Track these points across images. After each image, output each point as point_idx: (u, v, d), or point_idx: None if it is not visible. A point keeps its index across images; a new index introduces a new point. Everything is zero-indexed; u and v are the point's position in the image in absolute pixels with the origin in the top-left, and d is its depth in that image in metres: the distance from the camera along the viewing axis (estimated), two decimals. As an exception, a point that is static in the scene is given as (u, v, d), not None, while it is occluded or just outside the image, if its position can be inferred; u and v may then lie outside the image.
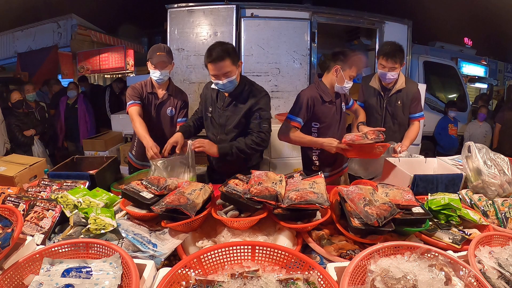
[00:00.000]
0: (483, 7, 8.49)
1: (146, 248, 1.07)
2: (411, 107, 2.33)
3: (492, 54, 10.68)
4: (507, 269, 0.96)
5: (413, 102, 2.32)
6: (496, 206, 1.41)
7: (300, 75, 4.13)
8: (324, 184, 1.35)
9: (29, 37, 8.15)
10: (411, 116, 2.36)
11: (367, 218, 1.10)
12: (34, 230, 1.19)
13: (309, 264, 0.92)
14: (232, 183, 1.38)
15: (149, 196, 1.33)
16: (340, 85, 1.97)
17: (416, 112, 2.35)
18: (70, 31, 7.91)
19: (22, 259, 0.92)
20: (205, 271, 0.93)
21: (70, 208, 1.28)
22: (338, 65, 1.95)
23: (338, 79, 1.97)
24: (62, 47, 7.81)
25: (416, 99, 2.32)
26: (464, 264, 0.89)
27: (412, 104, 2.32)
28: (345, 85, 1.97)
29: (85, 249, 0.99)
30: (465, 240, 1.16)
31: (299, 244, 1.16)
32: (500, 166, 1.53)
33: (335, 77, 1.98)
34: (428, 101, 5.27)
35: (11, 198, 1.33)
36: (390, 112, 2.34)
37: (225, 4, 3.94)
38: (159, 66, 2.04)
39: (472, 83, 9.60)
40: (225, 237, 1.21)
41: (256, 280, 0.84)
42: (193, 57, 4.03)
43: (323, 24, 4.23)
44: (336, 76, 1.97)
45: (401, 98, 2.31)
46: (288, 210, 1.21)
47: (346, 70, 1.94)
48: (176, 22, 4.01)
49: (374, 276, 0.85)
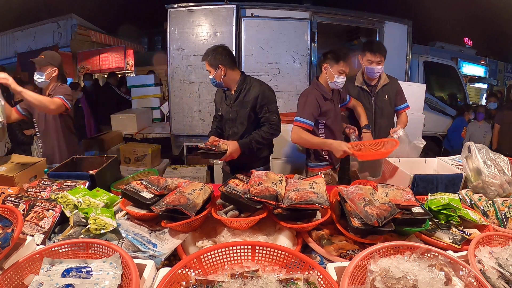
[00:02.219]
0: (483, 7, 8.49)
1: (146, 248, 1.06)
2: (396, 100, 2.47)
3: (492, 54, 10.69)
4: (507, 269, 0.96)
5: (398, 95, 2.47)
6: (496, 206, 1.41)
7: (300, 75, 4.13)
8: (324, 184, 1.35)
9: (29, 37, 8.16)
10: (397, 108, 2.50)
11: (367, 218, 1.10)
12: (34, 230, 1.19)
13: (309, 264, 0.92)
14: (232, 183, 1.38)
15: (149, 196, 1.33)
16: (332, 81, 2.11)
17: (402, 103, 2.49)
18: (70, 31, 7.92)
19: (22, 259, 0.92)
20: (205, 271, 0.93)
21: (70, 208, 1.28)
22: (326, 63, 2.09)
23: (329, 75, 2.11)
24: (62, 47, 7.81)
25: (399, 92, 2.48)
26: (464, 264, 0.89)
27: (397, 97, 2.47)
28: (336, 80, 2.09)
29: (85, 249, 0.99)
30: (465, 240, 1.16)
31: (299, 244, 1.16)
32: (500, 166, 1.53)
33: (326, 75, 2.12)
34: (428, 101, 5.26)
35: (11, 198, 1.33)
36: (379, 107, 2.44)
37: (225, 4, 3.94)
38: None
39: (472, 83, 9.61)
40: (225, 237, 1.21)
41: (256, 280, 0.84)
42: (193, 57, 4.03)
43: (323, 24, 4.23)
44: (326, 74, 2.11)
45: (387, 92, 2.43)
46: (288, 210, 1.21)
47: (334, 66, 2.08)
48: (176, 22, 4.01)
49: (374, 276, 0.85)
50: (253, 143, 2.00)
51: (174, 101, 4.17)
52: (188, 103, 4.16)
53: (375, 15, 4.46)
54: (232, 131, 2.13)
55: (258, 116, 2.05)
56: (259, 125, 2.06)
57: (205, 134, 4.31)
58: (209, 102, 4.15)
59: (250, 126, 2.07)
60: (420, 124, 3.82)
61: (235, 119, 2.10)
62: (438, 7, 9.51)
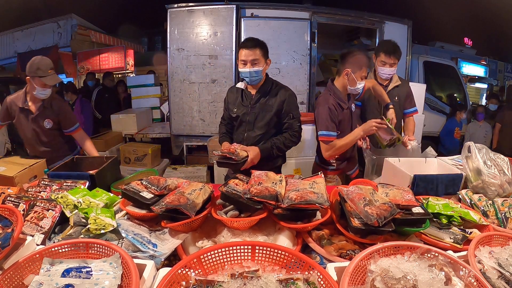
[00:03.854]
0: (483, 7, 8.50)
1: (146, 248, 1.06)
2: (405, 103, 2.45)
3: (492, 54, 10.69)
4: (507, 269, 0.96)
5: (407, 98, 2.45)
6: (496, 206, 1.41)
7: (300, 75, 4.13)
8: (324, 184, 1.35)
9: (29, 37, 8.15)
10: (406, 112, 2.48)
11: (367, 218, 1.10)
12: (34, 230, 1.19)
13: (309, 264, 0.92)
14: (232, 183, 1.38)
15: (149, 196, 1.33)
16: (353, 87, 1.99)
17: (411, 107, 2.47)
18: (70, 31, 7.91)
19: (22, 259, 0.92)
20: (205, 271, 0.93)
21: (70, 208, 1.28)
22: (348, 69, 1.95)
23: (350, 81, 1.98)
24: (62, 47, 7.81)
25: (409, 95, 2.46)
26: (464, 264, 0.89)
27: (406, 100, 2.45)
28: (357, 86, 1.98)
29: (85, 249, 0.99)
30: (466, 239, 1.16)
31: (299, 244, 1.16)
32: (500, 166, 1.53)
33: (346, 80, 1.99)
34: (428, 101, 5.27)
35: (11, 198, 1.33)
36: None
37: (225, 4, 3.94)
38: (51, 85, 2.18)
39: (472, 83, 9.60)
40: (225, 237, 1.21)
41: (256, 280, 0.84)
42: (193, 57, 4.03)
43: (323, 24, 4.23)
44: (347, 79, 1.98)
45: (398, 94, 2.42)
46: (288, 210, 1.21)
47: (357, 72, 1.94)
48: (176, 22, 4.02)
49: (374, 276, 0.85)
50: (274, 149, 1.90)
51: (174, 101, 4.17)
52: (188, 103, 4.16)
53: (375, 15, 4.46)
54: (248, 134, 2.01)
55: (281, 121, 1.97)
56: (279, 130, 1.99)
57: (205, 134, 4.33)
58: (209, 102, 4.15)
59: (270, 130, 1.98)
60: (420, 124, 3.82)
61: (253, 122, 1.98)
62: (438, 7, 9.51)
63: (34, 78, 2.13)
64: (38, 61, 2.14)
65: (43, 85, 2.14)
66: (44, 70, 2.13)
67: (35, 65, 2.12)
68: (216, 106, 4.12)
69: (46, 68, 2.14)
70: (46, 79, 2.13)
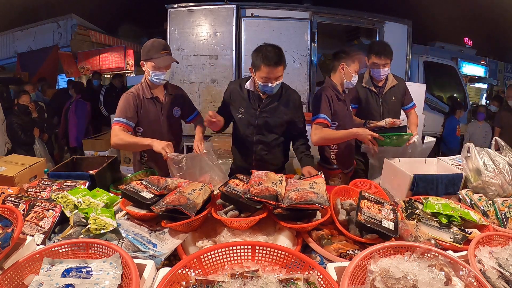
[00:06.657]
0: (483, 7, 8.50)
1: (146, 248, 1.06)
2: (404, 100, 2.49)
3: (492, 54, 10.69)
4: (507, 269, 0.96)
5: (405, 95, 2.49)
6: (496, 206, 1.41)
7: (300, 75, 4.13)
8: (324, 184, 1.35)
9: (29, 37, 8.17)
10: (405, 108, 2.51)
11: None
12: (34, 230, 1.19)
13: (309, 264, 0.92)
14: (232, 183, 1.38)
15: (149, 196, 1.33)
16: (349, 80, 2.07)
17: (409, 102, 2.51)
18: (70, 31, 7.93)
19: (22, 259, 0.92)
20: (205, 271, 0.93)
21: (70, 208, 1.28)
22: (343, 63, 2.05)
23: (346, 75, 2.07)
24: (62, 47, 7.83)
25: (406, 92, 2.50)
26: (464, 264, 0.89)
27: (404, 98, 2.48)
28: (353, 79, 2.08)
29: (85, 249, 0.99)
30: (466, 239, 1.16)
31: (299, 244, 1.16)
32: (500, 167, 1.53)
33: (342, 74, 2.08)
34: (428, 101, 5.26)
35: (11, 198, 1.33)
36: (386, 109, 2.43)
37: (225, 4, 3.94)
38: (166, 68, 1.90)
39: (472, 83, 9.61)
40: (225, 237, 1.21)
41: (256, 280, 0.84)
42: (193, 57, 4.03)
43: (323, 24, 4.23)
44: (343, 73, 2.07)
45: (395, 94, 2.44)
46: (288, 210, 1.21)
47: (351, 65, 2.05)
48: (176, 22, 4.02)
49: (374, 276, 0.85)
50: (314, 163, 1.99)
51: (174, 101, 4.17)
52: (188, 103, 4.16)
53: (375, 15, 4.46)
54: (256, 138, 1.97)
55: (295, 126, 2.01)
56: (288, 133, 2.03)
57: (205, 134, 4.30)
58: (209, 102, 4.15)
59: (282, 135, 2.01)
60: (420, 124, 3.81)
61: (263, 125, 1.94)
62: (438, 7, 9.51)
63: (147, 62, 1.90)
64: (150, 43, 1.91)
65: (156, 68, 1.89)
66: (155, 51, 1.88)
67: (147, 48, 1.90)
68: (216, 106, 4.06)
69: (158, 49, 1.89)
70: (158, 61, 1.87)
